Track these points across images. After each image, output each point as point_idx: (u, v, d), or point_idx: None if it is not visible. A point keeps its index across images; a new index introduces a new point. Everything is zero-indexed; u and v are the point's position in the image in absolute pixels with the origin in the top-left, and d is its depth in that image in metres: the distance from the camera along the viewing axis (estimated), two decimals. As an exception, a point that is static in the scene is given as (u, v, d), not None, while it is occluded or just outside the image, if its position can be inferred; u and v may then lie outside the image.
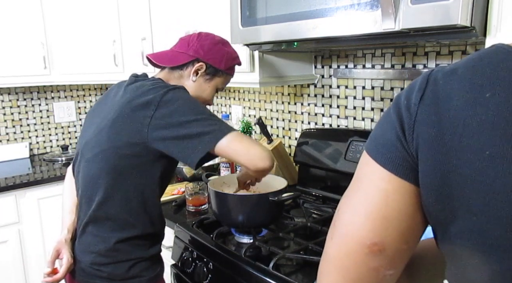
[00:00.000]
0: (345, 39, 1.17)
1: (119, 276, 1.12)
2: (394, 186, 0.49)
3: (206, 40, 1.23)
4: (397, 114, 0.48)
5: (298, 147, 1.70)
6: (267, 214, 1.26)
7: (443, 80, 0.46)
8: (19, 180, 2.15)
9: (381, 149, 0.50)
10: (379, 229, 0.49)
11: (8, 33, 2.23)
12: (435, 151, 0.45)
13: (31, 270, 2.20)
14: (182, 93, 1.10)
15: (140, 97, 1.06)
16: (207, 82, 1.25)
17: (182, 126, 1.02)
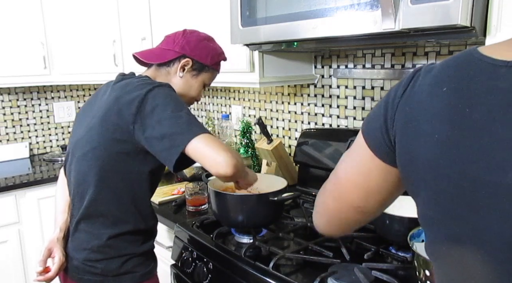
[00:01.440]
0: (345, 39, 1.17)
1: (112, 272, 1.13)
2: (376, 164, 0.60)
3: (191, 36, 1.24)
4: (385, 106, 0.57)
5: (298, 147, 1.70)
6: (267, 214, 1.26)
7: (422, 76, 0.54)
8: (19, 180, 2.15)
9: (370, 132, 0.60)
10: (363, 197, 0.63)
11: (8, 33, 2.23)
12: (404, 137, 0.54)
13: (31, 270, 2.20)
14: (167, 90, 1.09)
15: (126, 94, 1.07)
16: (194, 77, 1.26)
17: (159, 124, 1.01)
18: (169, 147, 1.00)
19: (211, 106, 2.41)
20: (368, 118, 0.62)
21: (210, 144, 0.99)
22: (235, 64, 1.62)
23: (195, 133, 0.99)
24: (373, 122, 0.59)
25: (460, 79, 0.49)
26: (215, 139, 1.01)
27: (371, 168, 0.60)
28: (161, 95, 1.06)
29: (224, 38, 1.61)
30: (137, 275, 1.16)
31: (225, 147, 1.00)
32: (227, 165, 0.97)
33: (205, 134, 1.00)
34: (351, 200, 0.64)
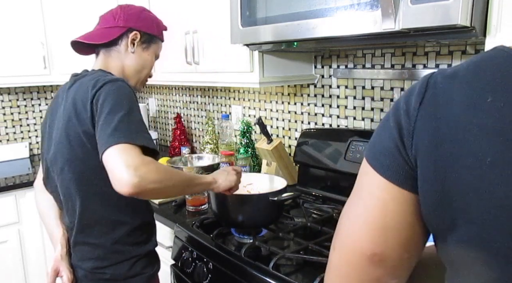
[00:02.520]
0: (345, 39, 1.17)
1: (121, 276, 1.13)
2: (392, 195, 0.48)
3: (130, 9, 1.20)
4: (396, 120, 0.47)
5: (298, 147, 1.70)
6: (267, 214, 1.26)
7: (443, 84, 0.45)
8: (19, 180, 2.15)
9: (379, 157, 0.49)
10: (378, 240, 0.49)
11: (8, 33, 2.23)
12: (435, 158, 0.43)
13: (31, 270, 2.20)
14: (114, 87, 1.02)
15: (80, 98, 1.04)
16: (146, 50, 1.23)
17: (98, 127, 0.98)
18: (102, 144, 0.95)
19: (211, 106, 2.41)
20: (373, 141, 0.51)
21: (122, 156, 0.90)
22: (235, 64, 1.62)
23: (114, 142, 0.92)
24: (382, 143, 0.49)
25: (508, 87, 0.40)
26: (130, 152, 0.92)
27: (386, 199, 0.48)
28: (105, 93, 1.01)
29: (224, 38, 1.61)
30: (145, 277, 1.16)
31: (136, 163, 0.90)
32: (125, 185, 0.88)
33: (125, 145, 0.92)
34: (363, 246, 0.50)
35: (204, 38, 1.76)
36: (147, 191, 0.92)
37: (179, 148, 2.42)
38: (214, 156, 2.13)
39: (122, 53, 1.20)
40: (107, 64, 1.20)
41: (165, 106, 2.84)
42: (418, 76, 1.42)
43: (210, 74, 1.78)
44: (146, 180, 0.90)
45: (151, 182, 0.91)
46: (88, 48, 1.22)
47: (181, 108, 2.67)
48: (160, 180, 0.94)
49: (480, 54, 0.46)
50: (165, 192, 1.00)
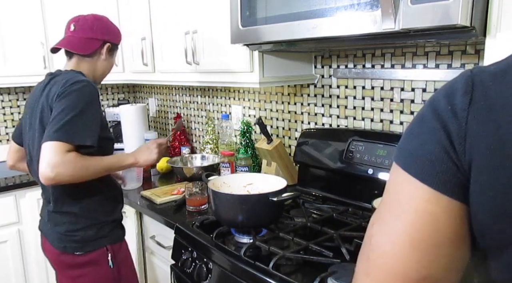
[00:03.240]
0: (345, 39, 1.17)
1: (90, 237, 1.37)
2: (443, 207, 0.42)
3: (103, 22, 1.48)
4: (440, 121, 0.42)
5: (298, 147, 1.70)
6: (267, 214, 1.26)
7: (493, 82, 0.41)
8: (19, 180, 2.15)
9: (424, 163, 0.42)
10: (428, 260, 0.42)
11: (8, 33, 2.23)
12: (495, 164, 0.39)
13: (31, 270, 2.20)
14: (79, 87, 1.27)
15: (54, 94, 1.28)
16: (111, 56, 1.52)
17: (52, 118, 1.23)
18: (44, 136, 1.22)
19: (211, 106, 2.41)
20: (409, 145, 0.45)
21: (47, 154, 1.18)
22: (235, 64, 1.62)
23: (50, 138, 1.19)
24: (425, 148, 0.43)
25: None
26: (57, 150, 1.18)
27: (436, 212, 0.42)
28: (66, 93, 1.25)
29: (224, 38, 1.61)
30: (111, 238, 1.42)
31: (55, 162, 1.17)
32: (43, 178, 1.19)
33: (55, 143, 1.18)
34: (408, 270, 0.42)
35: (204, 38, 1.76)
36: (64, 182, 1.22)
37: (179, 148, 2.43)
38: (214, 156, 2.14)
39: (94, 60, 1.46)
40: (79, 67, 1.44)
41: (165, 106, 2.84)
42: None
43: (210, 74, 1.78)
44: (61, 176, 1.19)
45: (66, 176, 1.20)
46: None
47: (181, 108, 2.67)
48: (75, 175, 1.22)
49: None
50: (82, 180, 1.26)
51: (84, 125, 1.24)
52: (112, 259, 1.41)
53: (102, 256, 1.39)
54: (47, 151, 1.18)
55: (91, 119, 1.26)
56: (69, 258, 1.38)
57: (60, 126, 1.20)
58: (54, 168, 1.17)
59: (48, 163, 1.17)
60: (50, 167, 1.17)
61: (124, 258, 1.48)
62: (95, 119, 1.28)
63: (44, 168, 1.17)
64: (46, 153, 1.18)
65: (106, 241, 1.40)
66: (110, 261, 1.40)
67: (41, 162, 1.18)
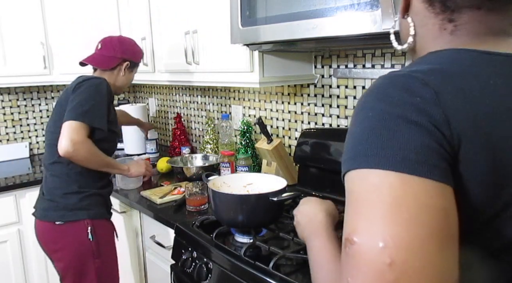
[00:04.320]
0: (345, 39, 1.17)
1: (70, 206, 1.49)
2: (448, 198, 0.41)
3: (125, 44, 1.71)
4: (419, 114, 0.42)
5: (298, 147, 1.70)
6: (267, 214, 1.26)
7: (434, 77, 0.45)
8: (19, 180, 2.15)
9: (420, 158, 0.41)
10: (453, 259, 0.40)
11: (8, 33, 2.23)
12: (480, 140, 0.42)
13: (31, 270, 2.20)
14: (93, 83, 1.50)
15: (69, 87, 1.52)
16: (130, 73, 1.75)
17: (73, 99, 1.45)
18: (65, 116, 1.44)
19: (211, 106, 2.41)
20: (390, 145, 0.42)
21: (69, 129, 1.39)
22: (235, 64, 1.62)
23: (73, 118, 1.41)
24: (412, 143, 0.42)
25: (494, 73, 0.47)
26: (79, 130, 1.40)
27: (446, 206, 0.41)
28: (85, 85, 1.48)
29: (224, 38, 1.61)
30: (91, 212, 1.52)
31: (77, 140, 1.38)
32: (62, 149, 1.39)
33: (76, 122, 1.40)
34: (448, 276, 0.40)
35: (204, 38, 1.76)
36: (75, 160, 1.43)
37: (179, 148, 2.42)
38: (214, 156, 2.14)
39: (114, 74, 1.69)
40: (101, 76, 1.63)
41: (165, 106, 2.84)
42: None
43: (210, 74, 1.78)
44: (77, 153, 1.41)
45: (80, 156, 1.42)
46: None
47: (181, 108, 2.67)
48: (87, 158, 1.45)
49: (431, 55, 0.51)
50: (88, 165, 1.48)
51: (100, 113, 1.48)
52: (92, 232, 1.49)
53: (81, 228, 1.49)
54: (71, 128, 1.39)
55: (104, 109, 1.50)
56: (50, 228, 1.49)
57: (82, 111, 1.42)
58: (75, 145, 1.38)
59: (71, 139, 1.38)
60: (71, 143, 1.38)
61: (104, 236, 1.56)
62: (105, 110, 1.51)
63: (66, 142, 1.38)
64: (69, 129, 1.39)
65: (85, 214, 1.50)
66: (89, 234, 1.49)
67: (64, 136, 1.38)
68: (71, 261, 1.50)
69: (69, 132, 1.39)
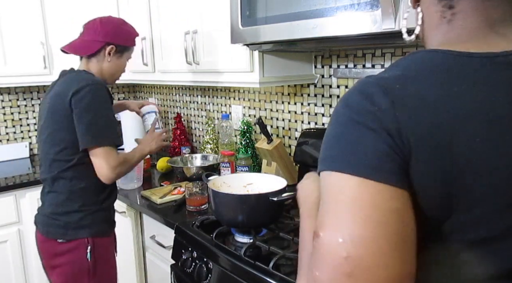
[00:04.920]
0: (345, 39, 1.17)
1: (72, 224, 1.42)
2: (401, 201, 0.44)
3: (108, 25, 1.50)
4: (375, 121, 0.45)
5: (298, 147, 1.70)
6: (267, 214, 1.26)
7: (399, 85, 0.47)
8: (19, 180, 2.15)
9: (374, 163, 0.45)
10: (408, 256, 0.44)
11: (8, 33, 2.23)
12: (430, 149, 0.44)
13: (31, 270, 2.20)
14: (94, 91, 1.36)
15: (64, 89, 1.37)
16: (119, 58, 1.55)
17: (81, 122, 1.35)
18: (82, 138, 1.36)
19: (211, 106, 2.41)
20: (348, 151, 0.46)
21: (107, 158, 1.36)
22: (235, 64, 1.62)
23: (97, 143, 1.35)
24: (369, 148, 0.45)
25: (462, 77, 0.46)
26: (112, 155, 1.37)
27: (399, 208, 0.44)
28: (89, 96, 1.35)
29: (224, 38, 1.61)
30: (93, 231, 1.44)
31: (116, 164, 1.38)
32: (108, 180, 1.39)
33: (108, 148, 1.36)
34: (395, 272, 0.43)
35: (204, 38, 1.76)
36: (119, 178, 1.44)
37: (179, 148, 2.42)
38: (214, 156, 2.14)
39: (100, 61, 1.51)
40: (89, 67, 1.50)
41: (165, 106, 2.84)
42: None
43: (210, 74, 1.78)
44: (120, 174, 1.42)
45: (122, 174, 1.45)
46: None
47: (181, 108, 2.67)
48: (126, 171, 1.46)
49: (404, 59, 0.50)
50: (128, 172, 1.49)
51: (113, 125, 1.44)
52: (91, 252, 1.43)
53: (82, 246, 1.43)
54: (105, 155, 1.36)
55: (113, 118, 1.46)
56: (52, 245, 1.43)
57: (100, 132, 1.37)
58: (115, 169, 1.38)
59: (110, 166, 1.37)
60: (112, 169, 1.37)
61: (104, 254, 1.49)
62: (114, 119, 1.48)
63: (107, 170, 1.37)
64: (104, 157, 1.36)
65: (87, 232, 1.43)
66: (88, 254, 1.43)
67: (103, 166, 1.36)
68: (68, 279, 1.46)
69: (104, 162, 1.36)
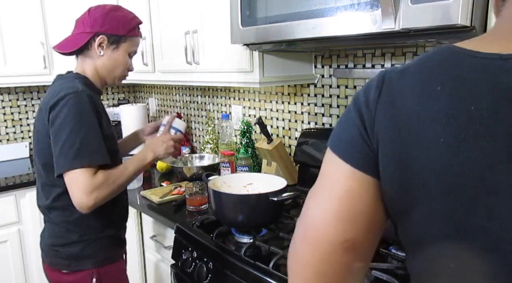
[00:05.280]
0: (345, 39, 1.17)
1: (74, 256, 1.26)
2: (358, 181, 0.51)
3: (96, 13, 1.26)
4: (358, 111, 0.51)
5: (298, 147, 1.70)
6: (267, 214, 1.26)
7: (396, 78, 0.49)
8: (19, 180, 2.15)
9: (344, 145, 0.52)
10: (349, 226, 0.51)
11: (8, 33, 2.23)
12: (394, 144, 0.47)
13: (31, 270, 2.20)
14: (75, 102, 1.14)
15: (45, 104, 1.18)
16: (115, 51, 1.29)
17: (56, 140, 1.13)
18: (56, 163, 1.14)
19: (211, 106, 2.41)
20: (336, 132, 0.55)
21: (73, 184, 1.12)
22: (235, 64, 1.62)
23: (68, 167, 1.11)
24: (347, 133, 0.52)
25: (454, 77, 0.45)
26: (85, 178, 1.11)
27: (353, 186, 0.51)
28: (65, 109, 1.13)
29: (224, 38, 1.61)
30: (97, 260, 1.27)
31: (90, 189, 1.11)
32: (84, 208, 1.13)
33: (79, 170, 1.11)
34: (335, 235, 0.52)
35: (204, 38, 1.76)
36: (102, 203, 1.16)
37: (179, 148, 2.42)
38: (214, 156, 2.14)
39: (94, 57, 1.28)
40: (83, 67, 1.30)
41: (165, 106, 2.84)
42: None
43: (210, 74, 1.78)
44: (99, 199, 1.14)
45: (104, 199, 1.15)
46: None
47: (181, 108, 2.67)
48: (110, 193, 1.17)
49: (428, 51, 0.51)
50: (117, 194, 1.21)
51: (96, 141, 1.15)
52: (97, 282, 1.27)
53: (87, 278, 1.26)
54: (76, 180, 1.11)
55: (97, 132, 1.16)
56: (57, 275, 1.29)
57: (74, 153, 1.11)
58: (90, 195, 1.11)
59: (83, 191, 1.11)
60: (86, 195, 1.11)
61: (112, 282, 1.34)
62: (98, 132, 1.17)
63: (80, 199, 1.11)
64: (75, 182, 1.12)
65: (90, 262, 1.26)
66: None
67: (74, 193, 1.12)
68: None
69: (75, 187, 1.12)
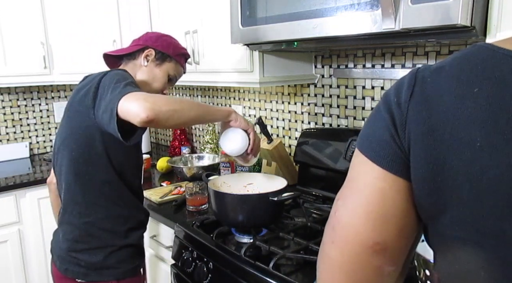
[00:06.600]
0: (345, 39, 1.17)
1: (94, 265, 1.16)
2: (389, 183, 0.50)
3: (153, 34, 1.38)
4: (388, 112, 0.50)
5: (298, 147, 1.70)
6: (267, 214, 1.26)
7: (430, 78, 0.48)
8: (19, 180, 2.15)
9: (375, 146, 0.51)
10: (379, 228, 0.50)
11: (8, 32, 2.23)
12: (426, 146, 0.46)
13: (31, 270, 2.20)
14: (116, 71, 1.13)
15: (85, 86, 1.13)
16: (158, 67, 1.34)
17: (103, 100, 1.04)
18: (109, 116, 0.99)
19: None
20: (366, 132, 0.54)
21: (129, 98, 0.97)
22: (235, 64, 1.62)
23: (122, 94, 0.98)
24: (376, 134, 0.51)
25: (494, 78, 0.43)
26: (135, 93, 0.99)
27: (385, 188, 0.50)
28: (109, 76, 1.10)
29: (224, 38, 1.61)
30: (120, 271, 1.19)
31: (144, 96, 0.98)
32: (142, 111, 0.95)
33: (131, 93, 0.98)
34: (365, 236, 0.50)
35: (204, 38, 1.76)
36: (163, 114, 0.98)
37: (179, 148, 2.42)
38: (214, 156, 2.14)
39: (137, 65, 1.32)
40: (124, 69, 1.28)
41: (165, 106, 2.83)
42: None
43: (210, 74, 1.78)
44: (158, 104, 0.97)
45: (163, 105, 0.98)
46: (114, 61, 1.37)
47: (181, 108, 2.67)
48: (171, 103, 1.02)
49: (463, 50, 0.48)
50: (181, 115, 1.04)
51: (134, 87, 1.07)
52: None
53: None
54: (126, 100, 0.97)
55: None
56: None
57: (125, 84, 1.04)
58: (146, 100, 0.96)
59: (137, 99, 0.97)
60: (141, 100, 0.96)
61: None
62: None
63: (137, 105, 0.95)
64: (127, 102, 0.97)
65: (113, 274, 1.18)
66: None
67: (130, 109, 0.96)
68: None
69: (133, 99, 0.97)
